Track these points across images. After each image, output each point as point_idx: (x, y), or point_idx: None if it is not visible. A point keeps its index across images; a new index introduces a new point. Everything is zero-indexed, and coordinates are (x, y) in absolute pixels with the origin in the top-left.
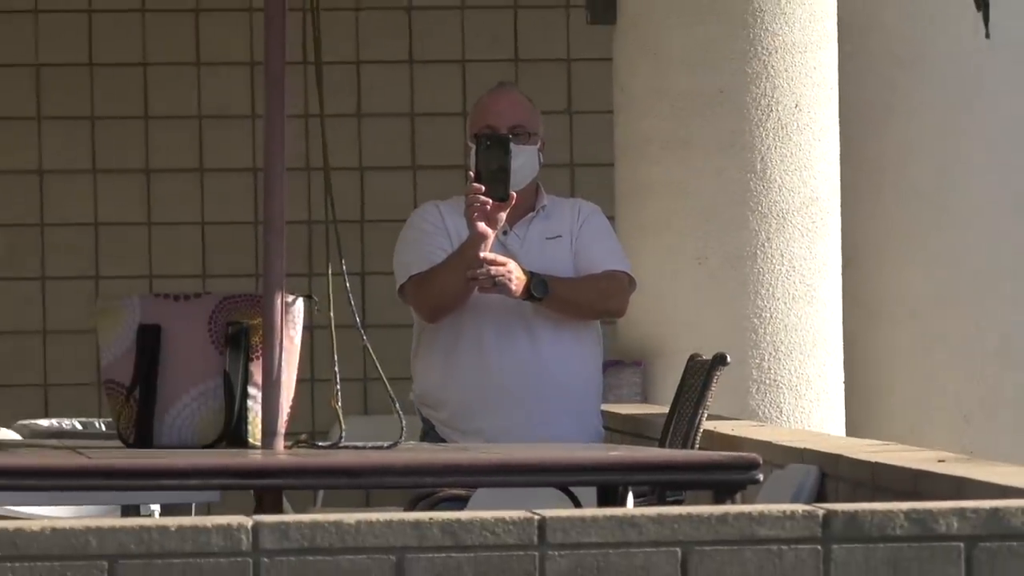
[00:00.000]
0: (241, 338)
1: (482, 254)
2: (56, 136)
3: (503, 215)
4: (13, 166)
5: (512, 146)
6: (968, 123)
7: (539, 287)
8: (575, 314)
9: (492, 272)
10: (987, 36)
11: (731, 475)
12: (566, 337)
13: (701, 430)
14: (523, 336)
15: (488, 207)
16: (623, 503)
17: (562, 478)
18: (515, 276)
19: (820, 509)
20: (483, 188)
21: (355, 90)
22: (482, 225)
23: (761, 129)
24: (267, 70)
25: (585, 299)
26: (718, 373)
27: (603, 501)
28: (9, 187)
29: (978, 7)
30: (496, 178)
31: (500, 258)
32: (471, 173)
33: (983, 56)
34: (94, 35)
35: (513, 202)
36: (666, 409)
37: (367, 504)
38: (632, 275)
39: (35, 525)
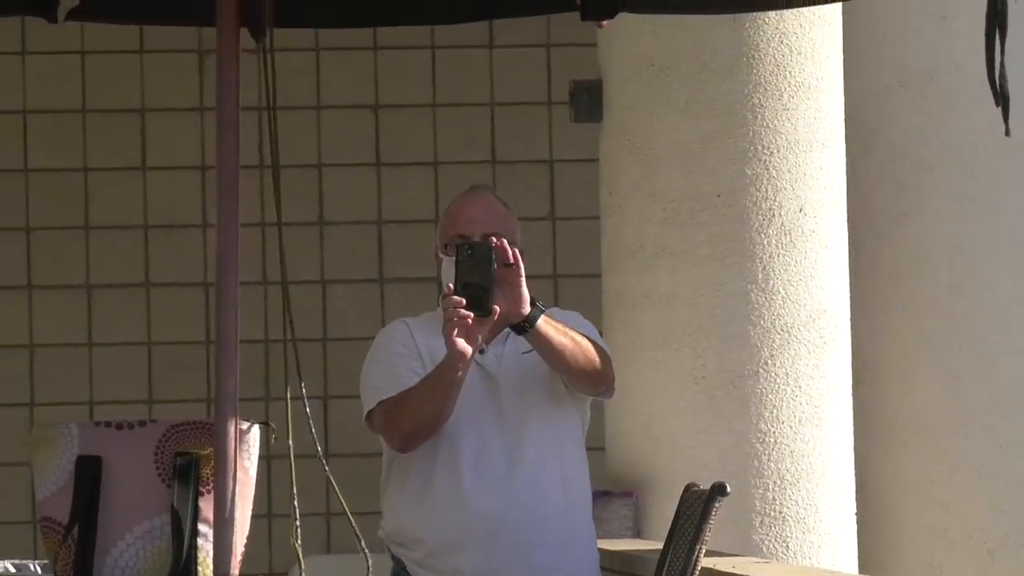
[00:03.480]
0: (190, 470)
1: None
2: None
3: (483, 332)
4: None
5: (495, 258)
6: (988, 229)
7: (538, 310)
8: (567, 356)
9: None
10: (1007, 134)
11: None
12: (551, 464)
13: (699, 568)
14: (503, 464)
15: (469, 323)
16: None
17: None
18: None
19: None
20: (464, 302)
21: (316, 195)
22: (462, 343)
23: (762, 235)
24: (219, 174)
25: (577, 340)
26: (717, 505)
27: None
28: None
29: (997, 102)
30: (477, 292)
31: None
32: (450, 285)
33: (1004, 157)
34: (29, 137)
35: (496, 317)
36: (660, 545)
37: None
38: (612, 365)
39: None
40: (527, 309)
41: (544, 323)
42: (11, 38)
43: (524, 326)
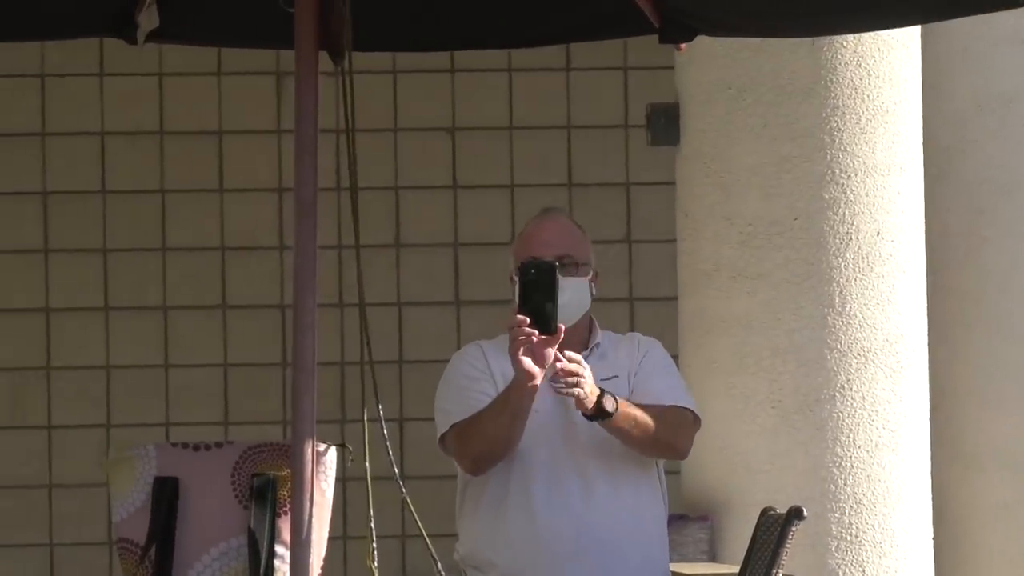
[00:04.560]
0: (267, 491)
1: (561, 364)
2: (64, 270)
3: (551, 352)
4: (16, 304)
5: (559, 278)
6: None
7: (609, 400)
8: (637, 443)
9: (574, 370)
10: None
11: None
12: (624, 489)
13: None
14: (576, 489)
15: (534, 341)
16: None
17: None
18: (589, 384)
19: None
20: (528, 321)
21: (393, 218)
22: (528, 363)
23: (839, 259)
24: (297, 196)
25: (651, 426)
26: (794, 529)
27: None
28: (12, 326)
29: None
30: (542, 311)
31: (575, 356)
32: (516, 305)
33: None
34: (107, 159)
35: (561, 337)
36: (736, 569)
37: None
38: (698, 413)
39: None
40: (590, 405)
41: (620, 418)
42: (90, 59)
43: (596, 418)
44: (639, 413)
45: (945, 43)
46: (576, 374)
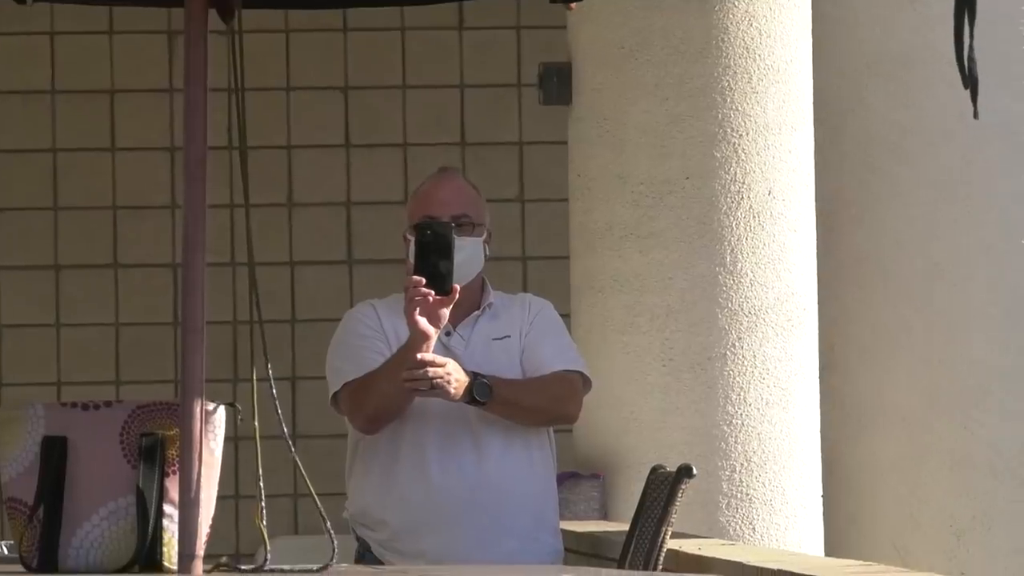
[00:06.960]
0: (156, 450)
1: (419, 355)
2: None
3: (446, 312)
4: None
5: (455, 238)
6: (960, 213)
7: (482, 390)
8: (523, 420)
9: (430, 374)
10: (976, 116)
11: None
12: (516, 448)
13: (665, 549)
14: (469, 447)
15: (429, 301)
16: None
17: None
18: (454, 378)
19: None
20: (423, 281)
21: (286, 177)
22: (423, 323)
23: (731, 218)
24: (187, 155)
25: (533, 403)
26: (684, 486)
27: None
28: None
29: (965, 84)
30: (438, 271)
31: (439, 358)
32: (410, 264)
33: (973, 139)
34: None
35: (456, 297)
36: (626, 526)
37: None
38: (587, 375)
39: None
40: (457, 398)
41: (496, 405)
42: None
43: (477, 402)
44: (519, 394)
45: (837, 2)
46: (439, 375)
